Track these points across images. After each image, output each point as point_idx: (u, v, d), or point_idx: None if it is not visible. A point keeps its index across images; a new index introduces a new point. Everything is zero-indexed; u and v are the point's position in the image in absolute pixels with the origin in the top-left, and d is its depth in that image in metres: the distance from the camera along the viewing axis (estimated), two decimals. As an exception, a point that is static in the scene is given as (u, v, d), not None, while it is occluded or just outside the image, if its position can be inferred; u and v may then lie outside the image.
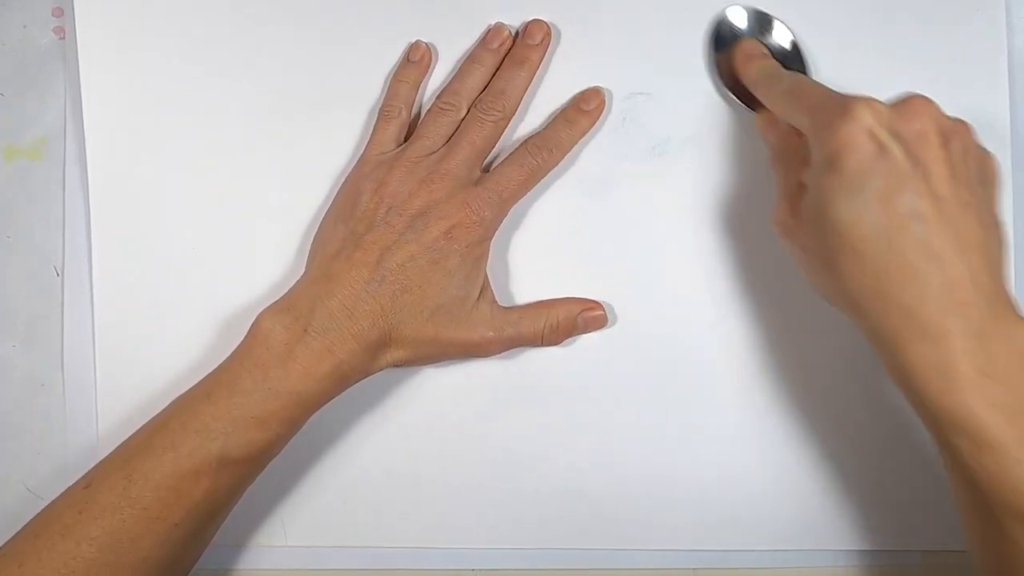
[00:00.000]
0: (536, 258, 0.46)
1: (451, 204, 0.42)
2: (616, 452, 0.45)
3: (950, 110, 0.39)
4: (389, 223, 0.42)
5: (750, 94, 0.44)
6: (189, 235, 0.46)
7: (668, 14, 0.46)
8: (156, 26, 0.46)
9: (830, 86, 0.39)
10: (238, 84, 0.46)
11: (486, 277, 0.44)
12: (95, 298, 0.46)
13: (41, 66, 0.47)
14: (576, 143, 0.45)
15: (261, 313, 0.41)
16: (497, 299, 0.44)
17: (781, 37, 0.45)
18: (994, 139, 0.45)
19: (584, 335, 0.46)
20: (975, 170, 0.37)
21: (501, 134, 0.45)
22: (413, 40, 0.46)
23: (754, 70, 0.43)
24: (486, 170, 0.45)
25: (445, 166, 0.43)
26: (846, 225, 0.35)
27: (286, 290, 0.42)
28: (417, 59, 0.46)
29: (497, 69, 0.45)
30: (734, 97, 0.45)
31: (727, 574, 0.46)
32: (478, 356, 0.44)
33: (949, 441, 0.35)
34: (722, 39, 0.45)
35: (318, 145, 0.46)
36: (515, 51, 0.45)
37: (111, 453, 0.40)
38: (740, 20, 0.45)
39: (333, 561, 0.46)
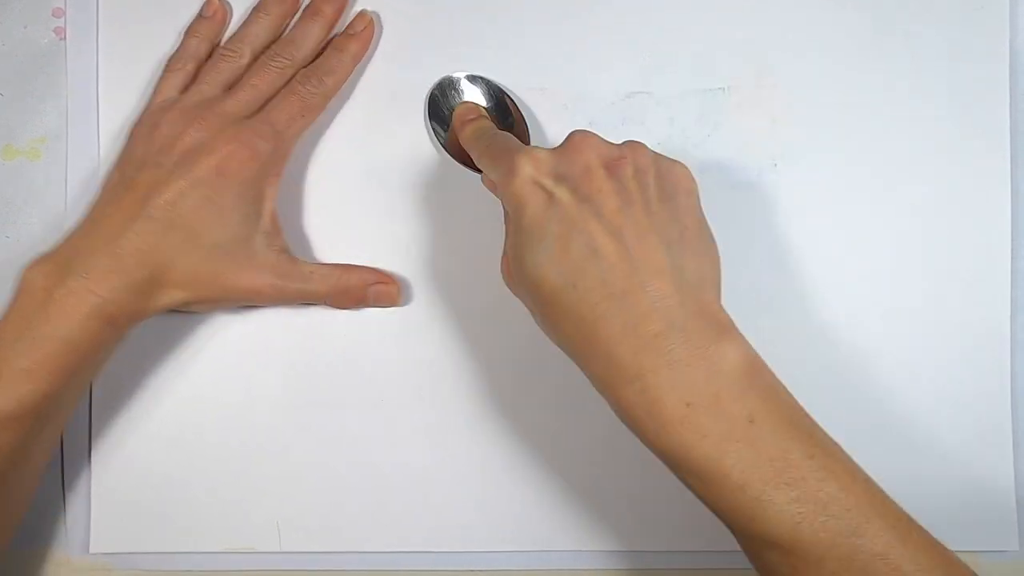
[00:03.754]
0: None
1: (221, 139, 0.41)
2: (615, 453, 0.45)
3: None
4: (159, 163, 0.41)
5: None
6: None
7: (668, 13, 0.46)
8: (172, 27, 0.46)
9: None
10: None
11: (275, 222, 0.43)
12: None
13: (41, 66, 0.47)
14: (350, 71, 0.45)
15: (24, 267, 0.40)
16: (291, 250, 0.44)
17: (479, 96, 0.45)
18: (994, 140, 0.45)
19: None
20: (655, 188, 0.35)
21: (286, 82, 0.44)
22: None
23: (467, 132, 0.43)
24: None
25: (220, 106, 0.42)
26: (538, 279, 0.34)
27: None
28: (210, 15, 0.45)
29: (290, 23, 0.45)
30: (460, 163, 0.44)
31: (727, 574, 0.45)
32: (262, 305, 0.44)
33: (684, 481, 0.33)
34: (437, 109, 0.45)
35: (313, 142, 0.46)
36: (311, 4, 0.45)
37: None
38: (449, 90, 0.45)
39: (328, 566, 0.46)
